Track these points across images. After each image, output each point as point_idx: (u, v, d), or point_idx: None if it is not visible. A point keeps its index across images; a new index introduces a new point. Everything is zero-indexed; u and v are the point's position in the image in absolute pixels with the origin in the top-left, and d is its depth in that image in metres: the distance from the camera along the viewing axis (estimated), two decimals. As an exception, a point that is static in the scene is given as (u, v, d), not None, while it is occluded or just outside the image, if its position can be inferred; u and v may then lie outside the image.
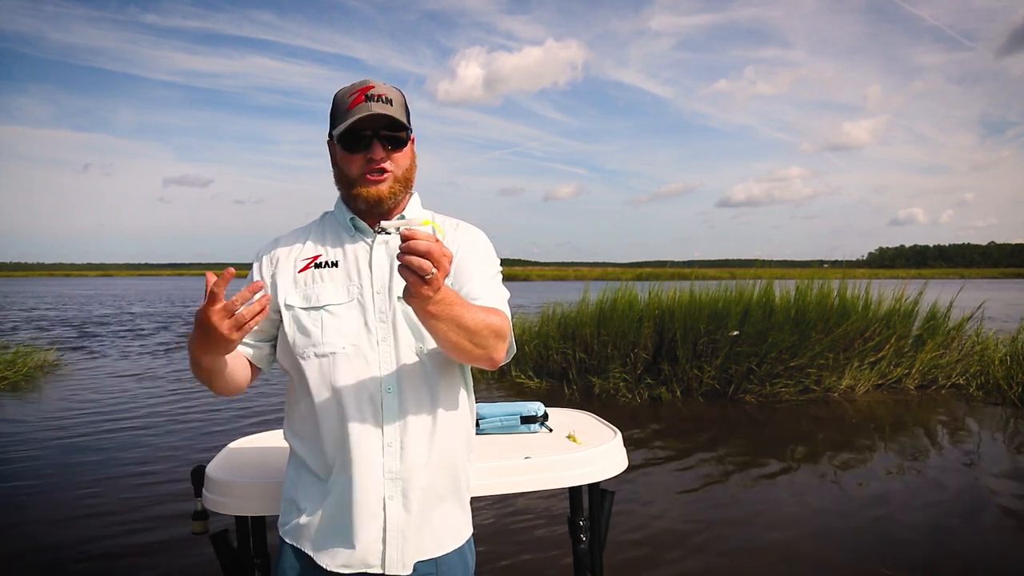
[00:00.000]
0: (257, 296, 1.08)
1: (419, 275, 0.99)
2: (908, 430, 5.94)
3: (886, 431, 5.88)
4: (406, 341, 1.24)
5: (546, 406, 2.09)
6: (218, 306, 1.04)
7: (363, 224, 1.31)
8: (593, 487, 1.85)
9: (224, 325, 1.05)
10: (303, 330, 1.25)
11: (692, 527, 3.71)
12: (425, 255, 0.99)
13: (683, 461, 5.04)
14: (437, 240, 1.01)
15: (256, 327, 1.26)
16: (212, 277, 1.04)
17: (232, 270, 1.03)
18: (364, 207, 1.29)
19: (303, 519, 1.25)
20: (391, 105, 1.25)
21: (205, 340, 1.08)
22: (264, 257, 1.34)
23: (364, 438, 1.21)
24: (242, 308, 1.05)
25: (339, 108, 1.27)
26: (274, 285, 1.30)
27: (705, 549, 3.43)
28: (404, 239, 0.99)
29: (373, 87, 1.26)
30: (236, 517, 1.65)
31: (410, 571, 1.22)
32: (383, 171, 1.26)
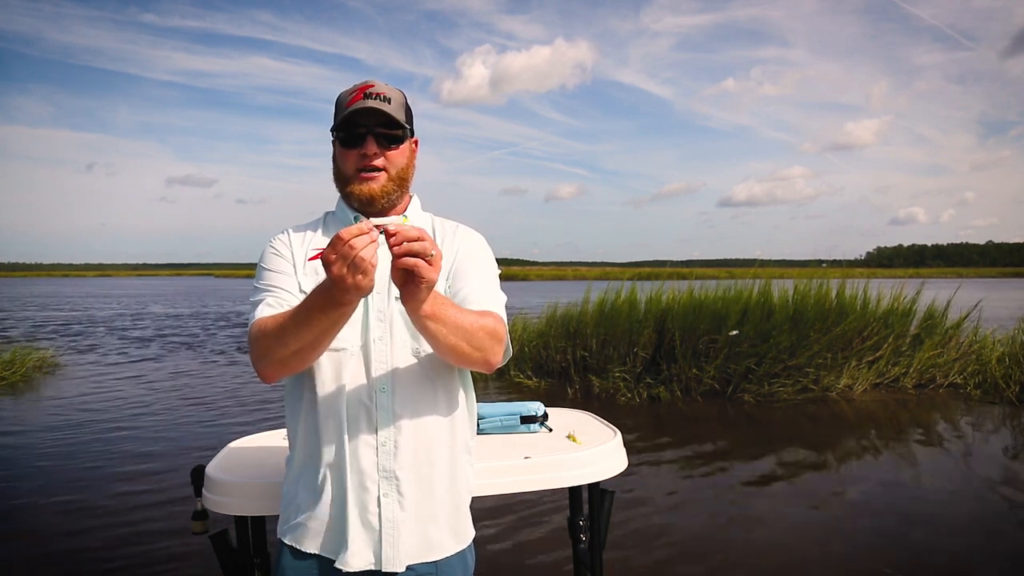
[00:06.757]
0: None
1: (422, 257, 0.99)
2: (906, 429, 5.95)
3: (884, 430, 5.90)
4: (402, 341, 1.25)
5: (546, 406, 2.09)
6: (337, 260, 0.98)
7: None
8: (593, 487, 1.85)
9: (347, 275, 0.99)
10: None
11: (692, 526, 3.72)
12: (418, 240, 0.99)
13: (683, 461, 5.05)
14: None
15: (292, 292, 1.25)
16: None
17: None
18: (357, 205, 1.29)
19: (301, 518, 1.25)
20: (388, 103, 1.26)
21: (337, 299, 1.03)
22: (283, 238, 1.33)
23: (358, 436, 1.21)
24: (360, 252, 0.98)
25: (339, 106, 1.29)
26: (294, 266, 1.29)
27: (705, 548, 3.43)
28: (390, 234, 1.00)
29: (373, 86, 1.28)
30: (236, 517, 1.65)
31: (402, 568, 1.22)
32: (376, 168, 1.26)
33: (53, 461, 4.99)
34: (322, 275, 1.28)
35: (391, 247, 1.00)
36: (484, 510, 3.79)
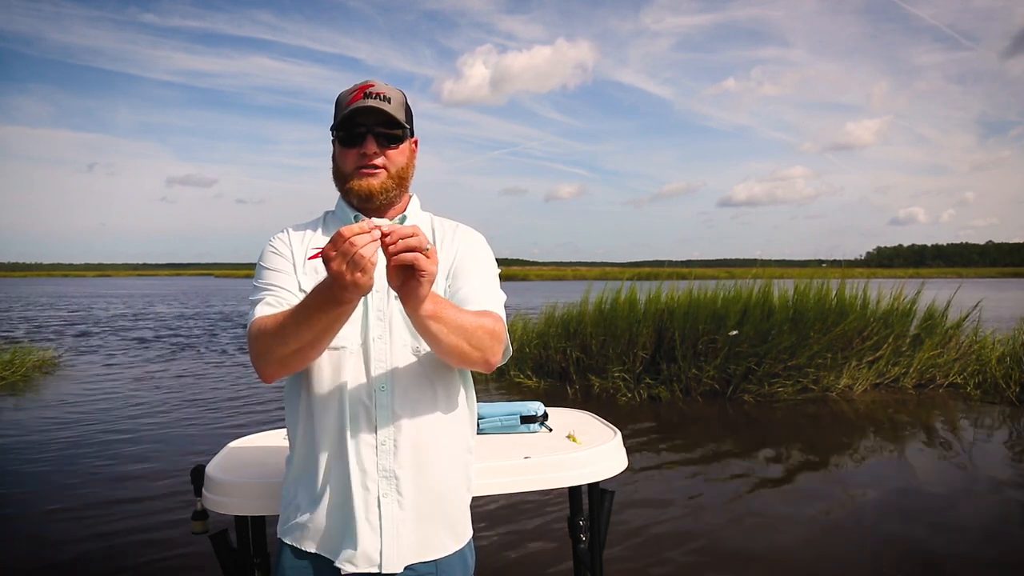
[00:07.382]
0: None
1: (419, 251, 1.00)
2: (906, 429, 5.95)
3: (884, 430, 5.89)
4: (401, 339, 1.25)
5: (546, 406, 2.09)
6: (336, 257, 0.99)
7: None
8: (593, 487, 1.85)
9: (346, 272, 0.99)
10: None
11: (692, 526, 3.72)
12: (413, 235, 1.00)
13: (683, 460, 5.04)
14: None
15: (291, 291, 1.25)
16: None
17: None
18: (356, 202, 1.30)
19: (301, 518, 1.25)
20: (388, 103, 1.27)
21: (337, 297, 1.03)
22: (283, 237, 1.33)
23: (358, 436, 1.21)
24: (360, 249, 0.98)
25: (339, 106, 1.29)
26: (294, 265, 1.29)
27: (705, 548, 3.43)
28: (385, 234, 1.00)
29: (373, 86, 1.28)
30: (236, 517, 1.65)
31: (401, 569, 1.22)
32: (376, 167, 1.27)
33: (52, 460, 4.98)
34: (322, 274, 1.28)
35: (386, 247, 1.00)
36: (484, 510, 3.79)
